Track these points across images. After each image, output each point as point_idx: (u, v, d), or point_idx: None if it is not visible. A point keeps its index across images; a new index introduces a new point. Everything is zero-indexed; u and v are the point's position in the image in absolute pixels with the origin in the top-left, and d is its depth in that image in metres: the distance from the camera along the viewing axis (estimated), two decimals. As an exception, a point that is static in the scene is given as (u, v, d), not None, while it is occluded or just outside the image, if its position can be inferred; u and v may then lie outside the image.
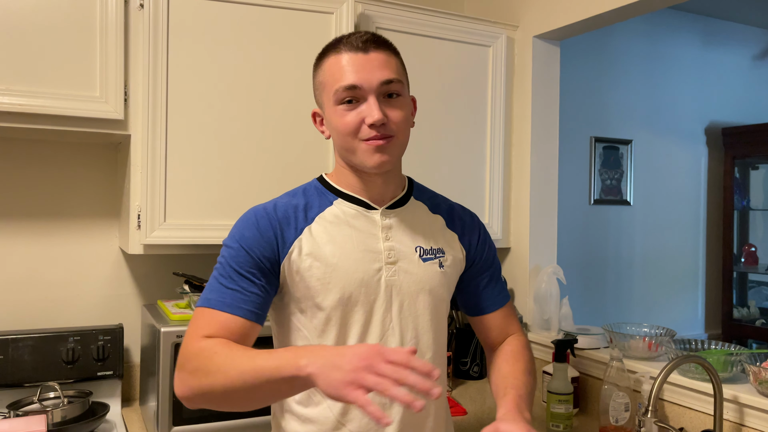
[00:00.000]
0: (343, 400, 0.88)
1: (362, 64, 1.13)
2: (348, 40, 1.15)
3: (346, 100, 1.13)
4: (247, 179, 1.86)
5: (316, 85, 1.21)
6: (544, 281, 2.26)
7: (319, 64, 1.20)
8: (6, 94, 1.60)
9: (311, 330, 1.17)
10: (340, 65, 1.14)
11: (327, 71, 1.16)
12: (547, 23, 2.25)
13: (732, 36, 3.93)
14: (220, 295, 1.11)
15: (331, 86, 1.15)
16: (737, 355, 1.67)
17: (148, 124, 1.74)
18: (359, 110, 1.13)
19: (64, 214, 2.02)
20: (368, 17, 2.04)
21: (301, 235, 1.16)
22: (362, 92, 1.13)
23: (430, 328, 1.22)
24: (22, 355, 1.80)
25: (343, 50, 1.14)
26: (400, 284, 1.19)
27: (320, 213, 1.20)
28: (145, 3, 1.73)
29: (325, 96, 1.17)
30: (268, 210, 1.18)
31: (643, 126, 3.59)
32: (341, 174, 1.23)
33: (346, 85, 1.12)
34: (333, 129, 1.18)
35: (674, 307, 3.77)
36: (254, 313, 1.12)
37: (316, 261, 1.15)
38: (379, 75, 1.13)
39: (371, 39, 1.15)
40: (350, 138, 1.14)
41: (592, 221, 3.44)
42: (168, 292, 2.12)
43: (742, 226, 4.01)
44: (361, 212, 1.21)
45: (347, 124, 1.14)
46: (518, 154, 2.37)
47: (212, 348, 1.03)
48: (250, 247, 1.14)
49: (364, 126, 1.13)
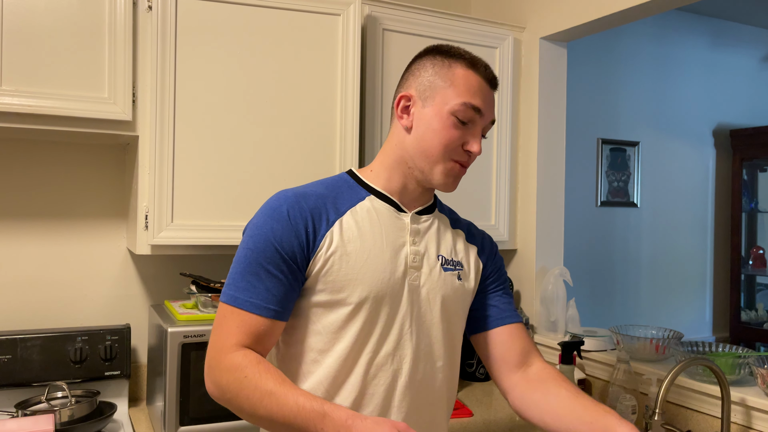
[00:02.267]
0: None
1: (488, 96, 1.18)
2: (484, 67, 1.18)
3: (464, 119, 1.15)
4: (255, 180, 1.86)
5: (434, 78, 1.17)
6: (550, 283, 2.25)
7: (446, 62, 1.17)
8: (15, 96, 1.61)
9: (327, 326, 1.14)
10: (475, 84, 1.16)
11: (461, 77, 1.15)
12: (555, 25, 2.25)
13: (740, 37, 3.91)
14: (247, 293, 1.09)
15: (461, 94, 1.14)
16: (745, 358, 1.66)
17: (156, 125, 1.75)
18: (467, 132, 1.16)
19: (71, 215, 2.03)
20: (375, 19, 2.05)
21: (332, 227, 1.13)
22: (478, 120, 1.17)
23: (443, 338, 1.21)
24: (30, 355, 1.81)
25: (479, 73, 1.17)
26: (421, 290, 1.19)
27: (352, 207, 1.17)
28: (154, 5, 1.74)
29: (444, 97, 1.15)
30: (299, 199, 1.14)
31: (651, 128, 3.58)
32: (386, 170, 1.21)
33: (477, 105, 1.15)
34: (429, 130, 1.15)
35: (682, 310, 3.76)
36: (280, 313, 1.11)
37: (346, 255, 1.13)
38: (492, 114, 1.19)
39: (495, 78, 1.21)
40: (442, 150, 1.15)
41: (599, 223, 3.43)
42: (175, 293, 2.13)
43: (750, 228, 3.99)
44: (393, 213, 1.20)
45: (453, 138, 1.15)
46: (525, 155, 2.37)
47: (243, 371, 1.04)
48: (281, 243, 1.10)
49: (460, 147, 1.16)
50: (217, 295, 1.82)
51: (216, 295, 1.82)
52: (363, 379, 1.14)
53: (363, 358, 1.14)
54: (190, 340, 1.67)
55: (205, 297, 1.82)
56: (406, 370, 1.16)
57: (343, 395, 1.14)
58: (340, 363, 1.13)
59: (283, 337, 1.20)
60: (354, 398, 1.14)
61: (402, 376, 1.16)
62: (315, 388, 1.14)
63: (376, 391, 1.15)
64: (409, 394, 1.17)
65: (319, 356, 1.14)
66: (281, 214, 1.11)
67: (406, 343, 1.17)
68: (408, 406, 1.17)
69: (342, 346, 1.13)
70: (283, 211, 1.12)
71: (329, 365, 1.13)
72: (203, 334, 1.68)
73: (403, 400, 1.16)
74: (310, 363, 1.15)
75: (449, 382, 1.25)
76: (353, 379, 1.14)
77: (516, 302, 2.40)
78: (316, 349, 1.15)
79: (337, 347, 1.13)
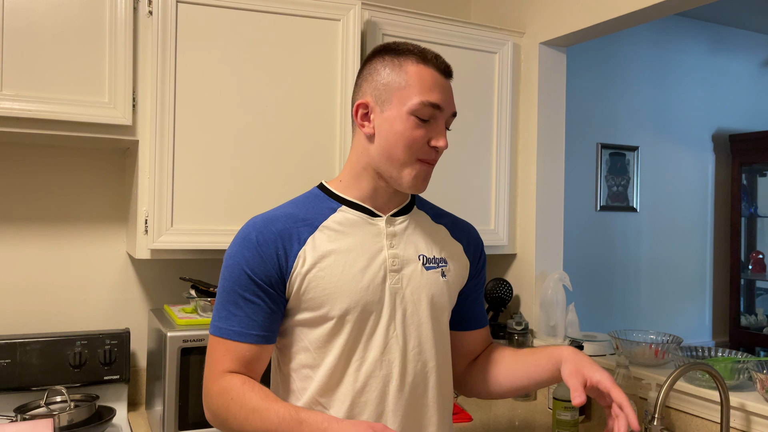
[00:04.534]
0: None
1: (445, 88, 1.16)
2: (431, 57, 1.15)
3: (425, 117, 1.13)
4: (254, 185, 1.87)
5: (387, 81, 1.15)
6: (550, 287, 2.25)
7: (395, 61, 1.15)
8: (16, 100, 1.62)
9: (314, 341, 1.16)
10: (429, 79, 1.13)
11: (412, 75, 1.13)
12: (554, 30, 2.26)
13: (739, 43, 3.92)
14: (228, 323, 1.13)
15: (415, 93, 1.12)
16: (744, 363, 1.66)
17: (156, 130, 1.75)
18: (429, 129, 1.14)
19: (71, 219, 2.03)
20: (375, 24, 2.05)
21: (304, 245, 1.14)
22: (439, 115, 1.14)
23: (433, 336, 1.21)
24: (30, 359, 1.81)
25: (430, 65, 1.14)
26: (404, 292, 1.18)
27: (324, 221, 1.18)
28: (154, 10, 1.74)
29: (401, 98, 1.13)
30: (268, 224, 1.15)
31: (650, 132, 3.59)
32: (355, 178, 1.21)
33: (434, 102, 1.13)
34: (391, 133, 1.14)
35: (681, 315, 3.75)
36: (264, 336, 1.14)
37: (321, 271, 1.14)
38: (452, 106, 1.17)
39: (448, 67, 1.18)
40: (407, 152, 1.14)
41: (598, 228, 3.43)
42: (175, 297, 2.13)
43: (749, 233, 3.99)
44: (366, 219, 1.20)
45: (416, 138, 1.13)
46: (524, 160, 2.37)
47: (229, 393, 1.10)
48: (252, 270, 1.12)
49: (425, 145, 1.14)
50: (217, 300, 1.82)
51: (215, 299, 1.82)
52: (353, 388, 1.14)
53: (351, 368, 1.15)
54: (190, 345, 1.67)
55: (205, 301, 1.82)
56: (396, 374, 1.16)
57: (336, 406, 1.15)
58: (329, 375, 1.15)
59: (279, 358, 1.23)
60: (348, 408, 1.14)
61: (393, 381, 1.16)
62: (311, 403, 1.16)
63: (368, 398, 1.15)
64: (402, 398, 1.17)
65: (310, 372, 1.16)
66: (251, 242, 1.14)
67: (393, 347, 1.17)
68: (403, 410, 1.17)
69: (330, 359, 1.15)
70: (252, 238, 1.14)
71: (319, 379, 1.15)
72: (202, 338, 1.68)
73: (397, 404, 1.16)
74: (303, 379, 1.17)
75: (444, 383, 1.25)
76: (344, 389, 1.15)
77: (515, 307, 2.40)
78: (307, 365, 1.17)
79: (325, 361, 1.15)
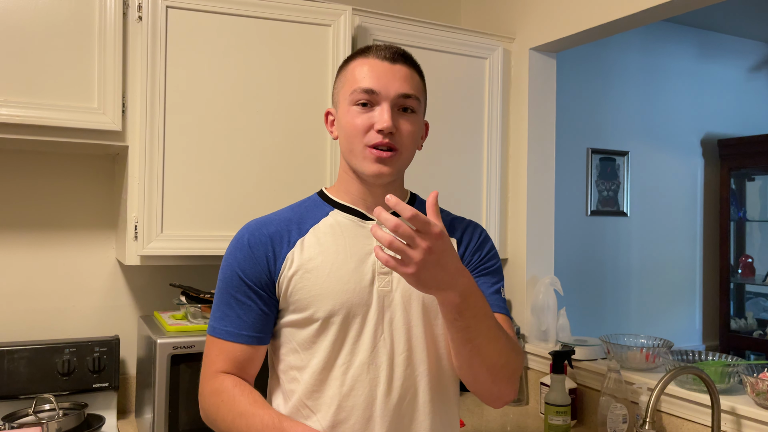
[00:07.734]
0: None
1: (385, 72, 1.16)
2: (378, 49, 1.18)
3: (361, 102, 1.15)
4: (245, 191, 1.86)
5: (337, 85, 1.23)
6: (541, 292, 2.26)
7: (345, 65, 1.21)
8: (4, 106, 1.61)
9: (300, 342, 1.16)
10: (364, 69, 1.16)
11: (350, 72, 1.18)
12: (544, 35, 2.27)
13: (727, 48, 3.96)
14: (222, 323, 1.16)
15: (350, 86, 1.17)
16: (734, 366, 1.67)
17: (145, 136, 1.75)
18: (371, 115, 1.15)
19: (60, 225, 2.02)
20: (366, 29, 2.06)
21: (293, 248, 1.17)
22: (378, 98, 1.14)
23: (424, 341, 1.18)
24: (18, 367, 1.79)
25: (371, 56, 1.17)
26: (393, 295, 1.17)
27: (315, 224, 1.20)
28: (144, 15, 1.74)
29: (342, 95, 1.19)
30: (261, 227, 1.19)
31: (640, 137, 3.61)
32: (343, 182, 1.23)
33: (365, 87, 1.14)
34: (342, 129, 1.19)
35: (671, 318, 3.77)
36: (256, 337, 1.16)
37: (308, 273, 1.15)
38: (398, 86, 1.15)
39: (400, 53, 1.19)
40: (356, 140, 1.15)
41: (589, 232, 3.44)
42: (164, 304, 2.12)
43: (738, 237, 4.02)
44: (356, 222, 1.20)
45: (356, 125, 1.15)
46: (515, 165, 2.38)
47: (220, 395, 1.13)
48: (244, 271, 1.16)
49: (372, 131, 1.14)
50: (207, 306, 1.81)
51: (206, 305, 1.82)
52: (340, 392, 1.13)
53: (336, 371, 1.14)
54: (180, 352, 1.66)
55: (195, 308, 1.81)
56: (383, 379, 1.14)
57: (323, 410, 1.13)
58: (315, 378, 1.14)
59: (272, 360, 1.24)
60: (334, 412, 1.13)
61: (380, 385, 1.14)
62: (298, 406, 1.15)
63: (355, 403, 1.13)
64: (390, 402, 1.14)
65: (297, 374, 1.16)
66: (243, 244, 1.18)
67: (381, 350, 1.15)
68: (391, 415, 1.14)
69: (315, 361, 1.14)
70: (245, 240, 1.18)
71: (306, 381, 1.15)
72: (193, 345, 1.67)
73: (384, 409, 1.13)
74: (291, 381, 1.17)
75: (439, 389, 1.21)
76: (330, 392, 1.13)
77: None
78: (295, 367, 1.17)
79: (311, 362, 1.15)
